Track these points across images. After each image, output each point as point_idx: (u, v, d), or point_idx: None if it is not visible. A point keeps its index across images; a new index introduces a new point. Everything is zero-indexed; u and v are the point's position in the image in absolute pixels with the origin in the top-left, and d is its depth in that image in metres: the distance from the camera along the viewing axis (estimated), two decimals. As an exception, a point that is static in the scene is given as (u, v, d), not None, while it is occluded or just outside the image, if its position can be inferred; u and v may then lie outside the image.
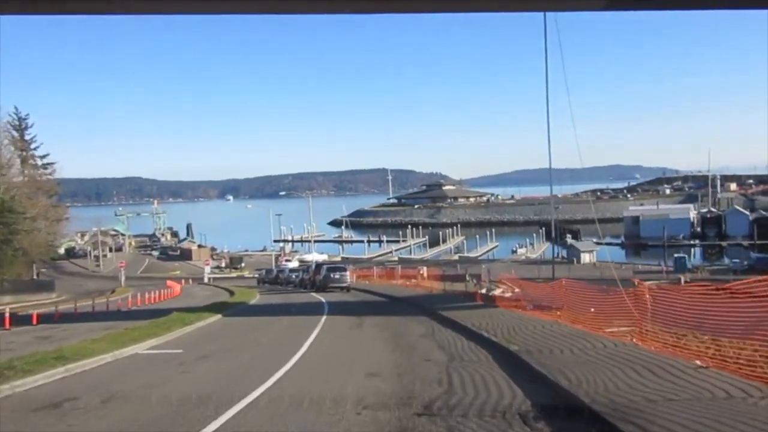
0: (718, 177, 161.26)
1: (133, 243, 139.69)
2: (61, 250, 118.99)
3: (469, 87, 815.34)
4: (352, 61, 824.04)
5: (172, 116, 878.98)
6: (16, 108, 74.25)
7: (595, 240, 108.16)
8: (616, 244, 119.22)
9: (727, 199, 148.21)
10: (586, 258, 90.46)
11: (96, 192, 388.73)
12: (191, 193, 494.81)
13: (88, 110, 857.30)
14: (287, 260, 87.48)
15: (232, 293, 45.71)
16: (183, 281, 75.84)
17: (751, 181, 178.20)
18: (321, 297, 35.94)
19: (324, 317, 21.62)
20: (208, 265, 74.50)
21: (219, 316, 22.91)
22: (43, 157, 74.59)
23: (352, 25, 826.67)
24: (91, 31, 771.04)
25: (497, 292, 64.79)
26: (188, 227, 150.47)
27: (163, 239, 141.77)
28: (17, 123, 72.96)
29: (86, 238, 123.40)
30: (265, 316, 23.29)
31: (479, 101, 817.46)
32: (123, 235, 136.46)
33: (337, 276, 42.33)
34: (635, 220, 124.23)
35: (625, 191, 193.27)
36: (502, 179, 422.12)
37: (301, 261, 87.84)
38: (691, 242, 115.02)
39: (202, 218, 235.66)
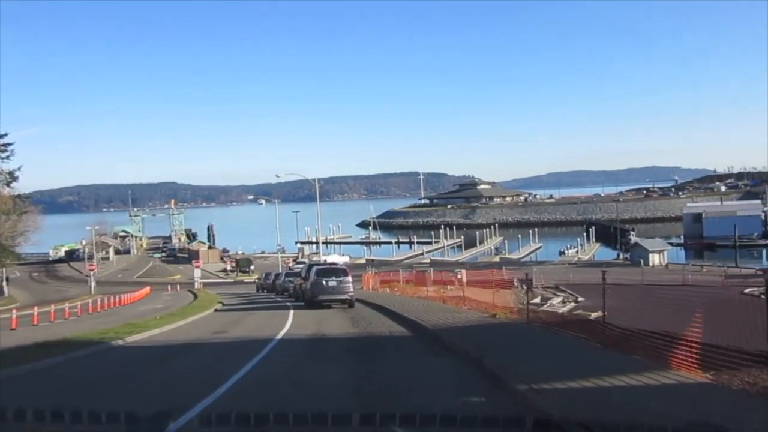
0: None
1: (144, 245, 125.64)
2: (61, 253, 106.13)
3: (501, 90, 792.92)
4: (381, 65, 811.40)
5: (205, 121, 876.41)
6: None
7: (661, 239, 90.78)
8: (678, 245, 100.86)
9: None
10: (655, 259, 72.06)
11: (132, 197, 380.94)
12: (224, 198, 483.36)
13: (122, 116, 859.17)
14: (299, 263, 71.00)
15: (195, 297, 37.54)
16: (170, 287, 61.08)
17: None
18: (290, 320, 19.52)
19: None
20: (198, 267, 58.64)
21: None
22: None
23: (381, 29, 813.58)
24: (121, 40, 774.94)
25: (555, 302, 47.27)
26: (209, 229, 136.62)
27: (176, 241, 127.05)
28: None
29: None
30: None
31: (512, 104, 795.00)
32: (134, 236, 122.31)
33: (331, 284, 25.55)
34: (697, 217, 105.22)
35: (673, 189, 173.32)
36: (535, 182, 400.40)
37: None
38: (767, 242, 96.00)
39: (232, 222, 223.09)
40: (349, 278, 26.00)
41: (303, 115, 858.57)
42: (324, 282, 25.63)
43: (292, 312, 23.89)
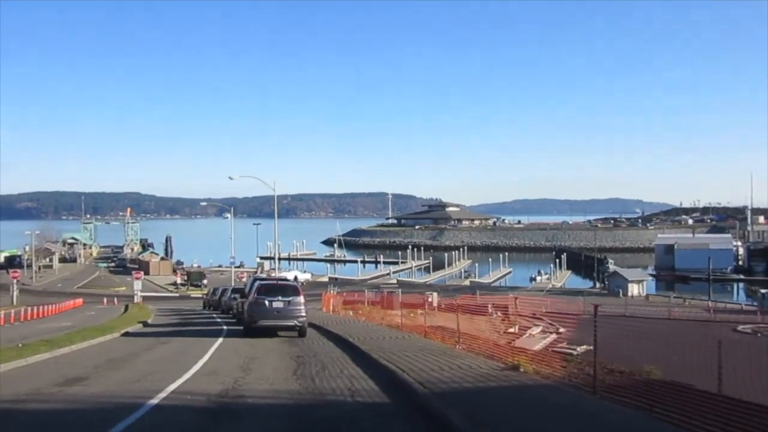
0: (749, 209, 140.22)
1: (94, 253, 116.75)
2: (0, 259, 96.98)
3: (470, 116, 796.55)
4: (355, 85, 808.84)
5: (171, 133, 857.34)
6: None
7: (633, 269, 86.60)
8: (650, 275, 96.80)
9: (759, 233, 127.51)
10: (634, 290, 67.27)
11: (93, 206, 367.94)
12: (189, 210, 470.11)
13: (87, 123, 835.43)
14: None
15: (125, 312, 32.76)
16: (106, 300, 54.31)
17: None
18: (206, 357, 13.30)
19: None
20: (138, 279, 51.51)
21: None
22: None
23: (354, 48, 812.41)
24: (86, 50, 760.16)
25: (535, 332, 41.48)
26: (167, 240, 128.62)
27: (128, 251, 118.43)
28: None
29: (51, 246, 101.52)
30: None
31: (481, 131, 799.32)
32: (84, 244, 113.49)
33: (277, 305, 19.23)
34: (669, 249, 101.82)
35: (640, 221, 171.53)
36: (501, 207, 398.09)
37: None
38: (741, 277, 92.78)
39: (195, 234, 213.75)
40: (301, 299, 19.64)
41: (272, 131, 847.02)
42: (267, 302, 19.22)
43: (219, 342, 17.53)
